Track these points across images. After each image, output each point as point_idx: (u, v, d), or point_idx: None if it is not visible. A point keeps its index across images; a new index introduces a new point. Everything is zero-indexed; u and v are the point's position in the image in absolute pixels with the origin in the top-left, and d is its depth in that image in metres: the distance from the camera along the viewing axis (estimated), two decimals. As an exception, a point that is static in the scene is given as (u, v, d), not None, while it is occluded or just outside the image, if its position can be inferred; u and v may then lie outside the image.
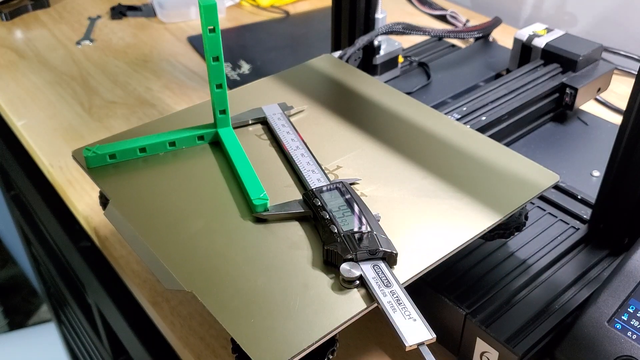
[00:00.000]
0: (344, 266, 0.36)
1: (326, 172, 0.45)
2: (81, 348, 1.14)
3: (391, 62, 0.73)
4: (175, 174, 0.45)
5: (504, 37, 0.84)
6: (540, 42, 0.69)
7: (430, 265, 0.38)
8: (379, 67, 0.72)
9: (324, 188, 0.41)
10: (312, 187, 0.42)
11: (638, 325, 0.39)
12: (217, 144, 0.48)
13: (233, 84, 0.80)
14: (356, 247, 0.36)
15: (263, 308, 0.34)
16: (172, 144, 0.47)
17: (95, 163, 0.45)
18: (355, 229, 0.38)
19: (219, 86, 0.45)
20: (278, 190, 0.43)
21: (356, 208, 0.40)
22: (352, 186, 0.43)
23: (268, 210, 0.41)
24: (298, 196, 0.42)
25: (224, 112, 0.47)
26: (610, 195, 0.48)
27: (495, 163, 0.46)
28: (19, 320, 1.71)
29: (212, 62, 0.43)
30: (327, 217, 0.39)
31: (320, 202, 0.40)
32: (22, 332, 1.59)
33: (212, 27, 0.42)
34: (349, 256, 0.36)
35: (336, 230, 0.38)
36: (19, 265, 1.80)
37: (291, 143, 0.47)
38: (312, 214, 0.40)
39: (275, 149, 0.48)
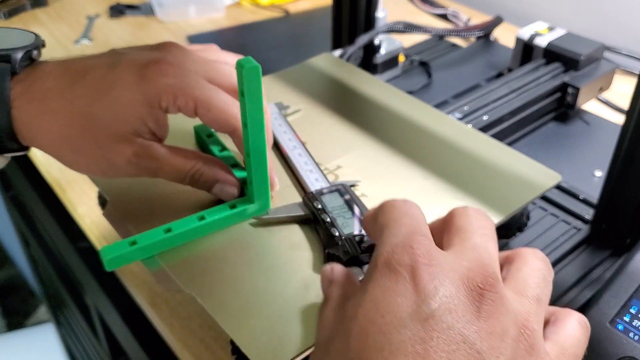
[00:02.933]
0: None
1: (327, 171, 0.44)
2: (79, 349, 1.14)
3: (392, 61, 0.73)
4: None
5: (506, 36, 0.84)
6: (542, 41, 0.68)
7: (432, 266, 0.37)
8: (380, 66, 0.72)
9: (324, 190, 0.41)
10: (312, 189, 0.41)
11: (641, 326, 0.39)
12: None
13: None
14: (357, 250, 0.36)
15: (262, 309, 0.34)
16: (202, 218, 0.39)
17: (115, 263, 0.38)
18: (356, 232, 0.37)
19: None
20: (277, 191, 0.43)
21: (357, 211, 0.39)
22: (353, 187, 0.43)
23: (268, 213, 0.40)
24: (298, 197, 0.42)
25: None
26: (613, 196, 0.48)
27: (496, 163, 0.45)
28: (17, 321, 1.71)
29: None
30: (328, 220, 0.38)
31: (321, 205, 0.39)
32: (20, 333, 1.58)
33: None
34: (354, 256, 0.36)
35: (337, 234, 0.37)
36: (17, 266, 1.80)
37: (288, 143, 0.46)
38: (312, 216, 0.40)
39: (272, 149, 0.47)
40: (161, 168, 0.38)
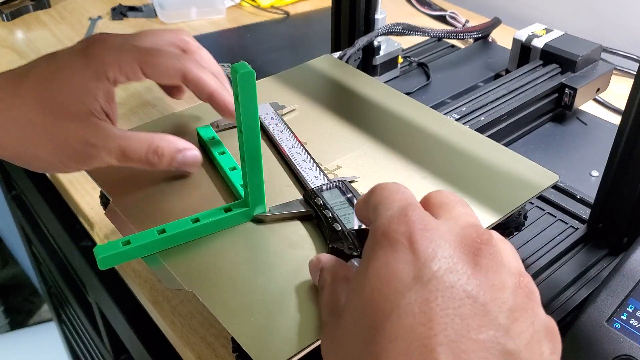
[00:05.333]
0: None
1: (326, 171, 0.45)
2: (82, 347, 1.15)
3: (391, 63, 0.74)
4: (175, 174, 0.45)
5: (504, 38, 0.84)
6: (539, 43, 0.69)
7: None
8: (379, 67, 0.72)
9: (324, 187, 0.42)
10: (312, 186, 0.42)
11: (637, 324, 0.39)
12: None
13: (233, 84, 0.80)
14: (362, 244, 0.36)
15: (263, 307, 0.35)
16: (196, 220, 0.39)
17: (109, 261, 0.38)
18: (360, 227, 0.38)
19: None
20: (278, 191, 0.43)
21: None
22: (352, 185, 0.43)
23: (269, 211, 0.41)
24: (298, 196, 0.43)
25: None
26: (609, 195, 0.48)
27: (494, 163, 0.46)
28: (20, 319, 1.71)
29: None
30: (330, 215, 0.39)
31: (322, 201, 0.40)
32: (23, 331, 1.59)
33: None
34: (355, 253, 0.36)
35: (340, 228, 0.38)
36: (20, 264, 1.80)
37: (286, 142, 0.47)
38: (313, 213, 0.40)
39: (270, 148, 0.48)
40: (120, 149, 0.40)
